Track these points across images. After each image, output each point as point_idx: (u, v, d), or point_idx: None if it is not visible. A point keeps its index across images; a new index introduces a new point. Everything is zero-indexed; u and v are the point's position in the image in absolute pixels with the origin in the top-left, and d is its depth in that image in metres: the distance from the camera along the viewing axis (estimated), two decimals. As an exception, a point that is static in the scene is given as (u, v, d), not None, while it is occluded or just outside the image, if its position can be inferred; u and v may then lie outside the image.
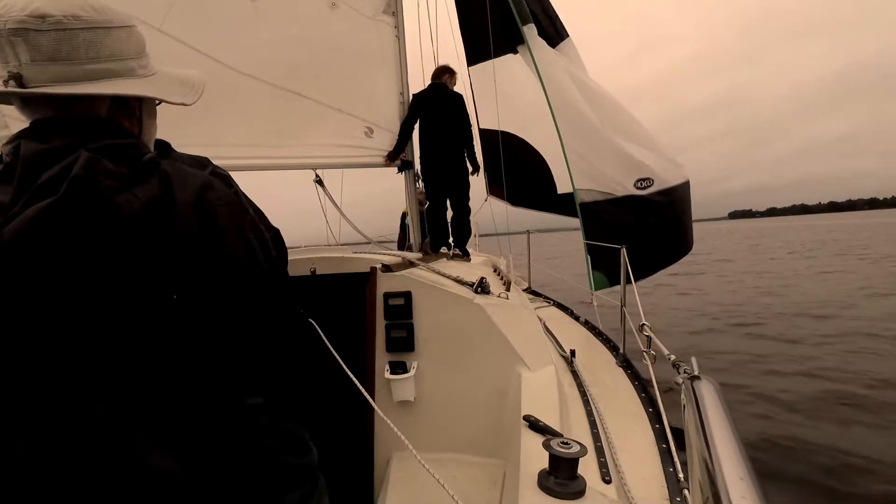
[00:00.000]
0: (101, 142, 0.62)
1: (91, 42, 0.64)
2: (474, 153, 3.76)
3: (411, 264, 2.16)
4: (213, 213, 0.64)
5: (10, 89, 0.61)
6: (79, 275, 0.56)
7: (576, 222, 4.29)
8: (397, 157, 3.26)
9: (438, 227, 3.72)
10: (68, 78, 0.63)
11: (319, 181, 3.18)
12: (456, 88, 3.66)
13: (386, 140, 3.20)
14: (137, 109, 0.74)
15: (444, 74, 3.60)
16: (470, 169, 3.70)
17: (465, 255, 3.57)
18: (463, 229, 3.76)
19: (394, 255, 2.56)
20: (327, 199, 3.21)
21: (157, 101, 0.77)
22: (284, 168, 2.72)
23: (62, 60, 0.62)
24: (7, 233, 0.53)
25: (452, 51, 5.33)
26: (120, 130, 0.68)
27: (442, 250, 3.66)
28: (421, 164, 3.54)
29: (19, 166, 0.58)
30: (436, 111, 3.40)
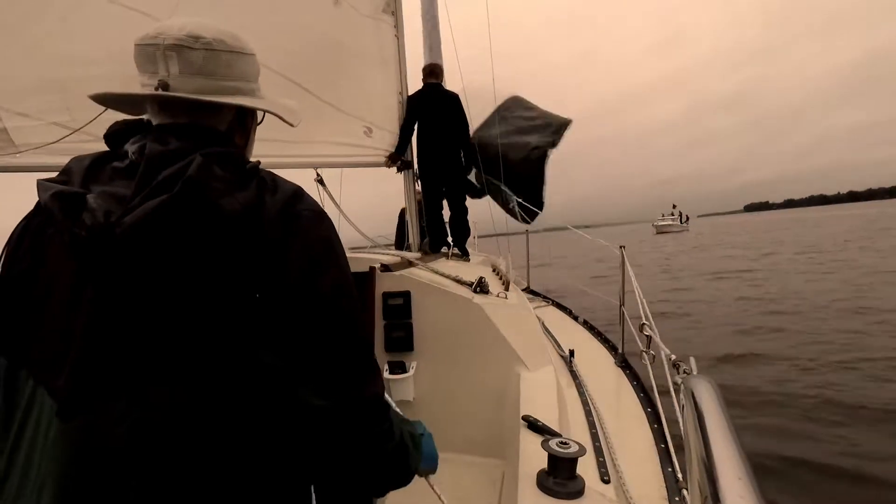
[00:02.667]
0: (212, 148, 0.70)
1: (229, 63, 0.76)
2: (472, 153, 3.76)
3: (410, 264, 2.16)
4: (297, 219, 0.71)
5: (162, 93, 0.71)
6: (180, 264, 0.63)
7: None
8: (399, 158, 3.26)
9: (435, 226, 3.72)
10: (207, 90, 0.74)
11: (321, 181, 3.18)
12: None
13: (385, 140, 3.20)
14: (248, 125, 0.86)
15: (433, 74, 3.61)
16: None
17: (465, 255, 3.58)
18: (461, 229, 3.76)
19: (393, 254, 2.56)
20: (328, 200, 3.22)
21: (259, 121, 0.89)
22: (288, 167, 2.71)
23: (205, 75, 0.73)
24: (127, 221, 0.60)
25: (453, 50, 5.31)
26: (228, 140, 0.77)
27: (441, 250, 3.66)
28: (418, 163, 3.55)
29: (143, 165, 0.66)
30: (432, 111, 3.41)
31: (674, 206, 78.09)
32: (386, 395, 0.81)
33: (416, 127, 3.37)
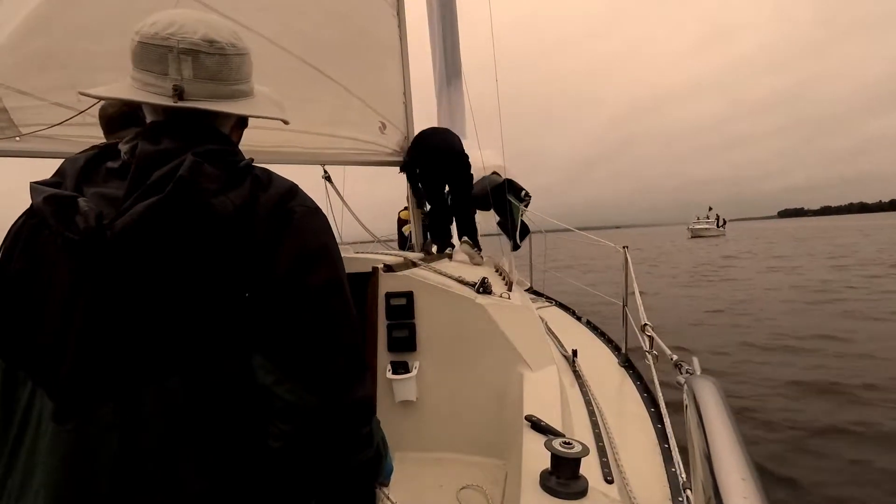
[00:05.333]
0: (205, 146, 0.69)
1: (238, 66, 0.75)
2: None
3: (413, 264, 2.16)
4: (290, 216, 0.71)
5: (178, 104, 0.70)
6: (172, 263, 0.63)
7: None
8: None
9: (442, 227, 3.72)
10: (220, 95, 0.73)
11: (328, 178, 3.17)
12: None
13: (394, 138, 3.19)
14: (246, 123, 0.86)
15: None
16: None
17: (478, 248, 3.53)
18: (470, 227, 3.72)
19: (395, 254, 2.56)
20: (330, 199, 3.22)
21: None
22: (300, 162, 2.63)
23: (218, 80, 0.73)
24: (118, 224, 0.61)
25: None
26: (221, 137, 0.76)
27: (458, 242, 3.67)
28: (420, 179, 3.57)
29: (133, 165, 0.66)
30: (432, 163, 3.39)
31: (710, 209, 73.84)
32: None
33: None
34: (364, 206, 3.60)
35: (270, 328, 0.67)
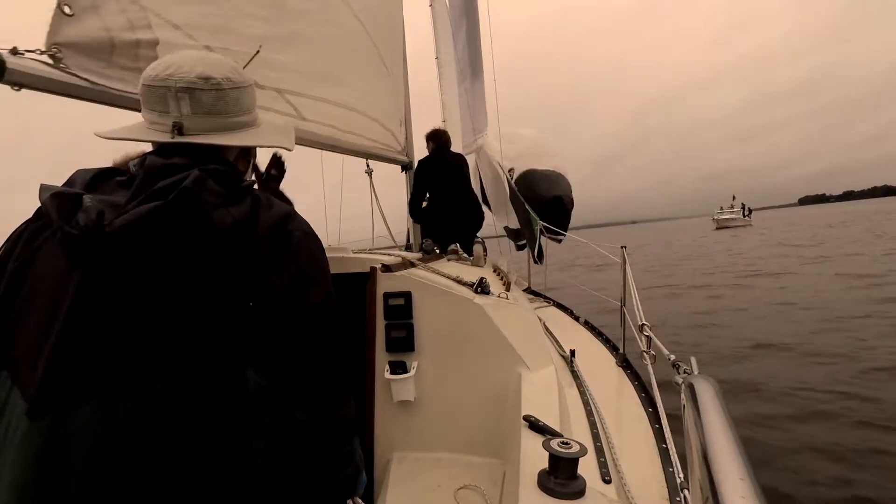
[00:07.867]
0: (209, 165, 0.72)
1: (236, 99, 0.79)
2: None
3: (411, 264, 2.16)
4: (289, 238, 0.74)
5: (177, 139, 0.74)
6: (169, 268, 0.65)
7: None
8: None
9: (440, 228, 3.73)
10: (218, 128, 0.77)
11: (370, 172, 3.21)
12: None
13: (402, 136, 3.24)
14: (252, 154, 0.90)
15: (435, 138, 3.67)
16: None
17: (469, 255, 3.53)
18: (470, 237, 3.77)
19: (394, 255, 2.56)
20: (373, 197, 3.27)
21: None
22: (343, 151, 2.60)
23: (216, 114, 0.76)
24: (118, 222, 0.62)
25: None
26: (226, 162, 0.79)
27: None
28: (431, 219, 3.60)
29: (141, 174, 0.69)
30: (442, 178, 3.52)
31: (734, 198, 70.31)
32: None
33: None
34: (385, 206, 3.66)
35: (264, 343, 0.69)
